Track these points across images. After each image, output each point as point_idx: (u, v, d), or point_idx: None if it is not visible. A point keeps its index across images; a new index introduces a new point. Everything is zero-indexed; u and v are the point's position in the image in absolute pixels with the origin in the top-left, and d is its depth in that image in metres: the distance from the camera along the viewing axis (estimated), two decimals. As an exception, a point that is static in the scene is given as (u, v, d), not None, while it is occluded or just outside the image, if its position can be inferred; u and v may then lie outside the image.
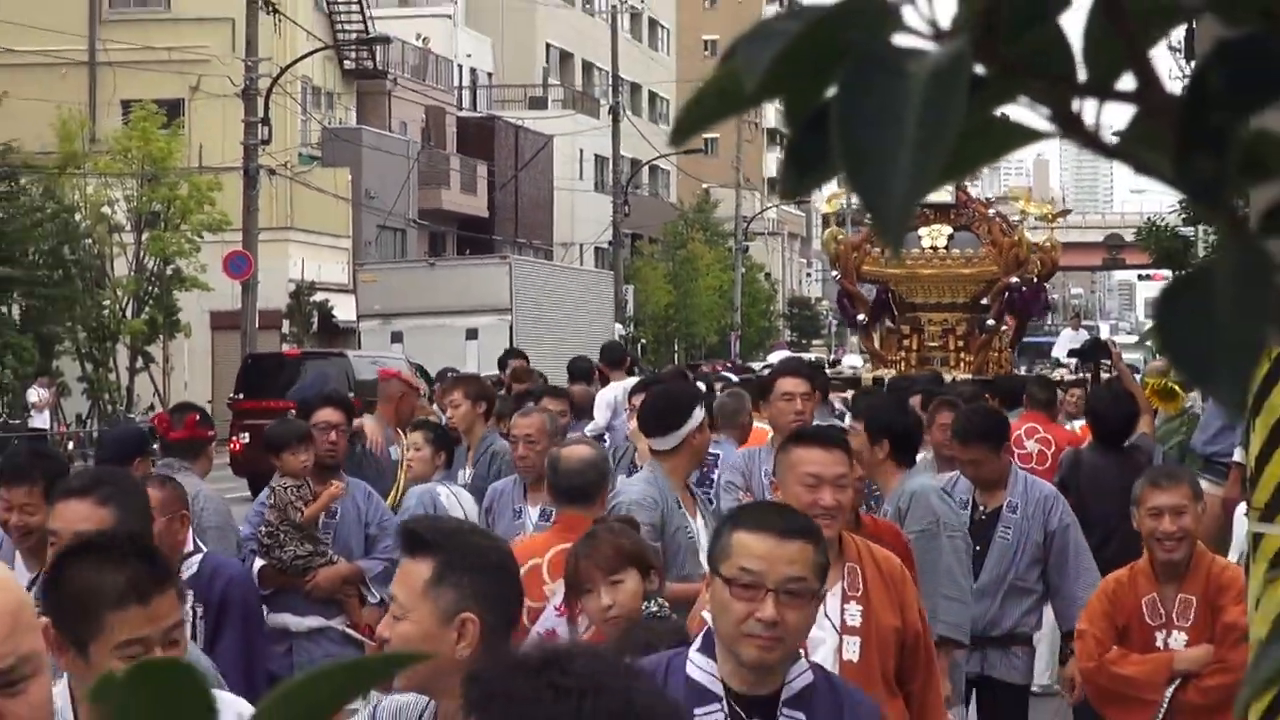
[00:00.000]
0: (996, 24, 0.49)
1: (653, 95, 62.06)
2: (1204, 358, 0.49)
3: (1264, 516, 3.71)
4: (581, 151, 49.45)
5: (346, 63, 39.40)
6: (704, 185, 55.96)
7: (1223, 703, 4.53)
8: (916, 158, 0.45)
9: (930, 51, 0.48)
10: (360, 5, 39.25)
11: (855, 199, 0.63)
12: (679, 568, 5.64)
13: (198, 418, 7.30)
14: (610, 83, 46.94)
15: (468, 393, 8.11)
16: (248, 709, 2.52)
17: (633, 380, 11.70)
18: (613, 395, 11.42)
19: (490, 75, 49.73)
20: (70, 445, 26.18)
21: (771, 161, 74.80)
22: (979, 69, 0.50)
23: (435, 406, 9.75)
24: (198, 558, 5.40)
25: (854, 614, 4.10)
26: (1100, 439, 8.30)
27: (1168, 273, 34.59)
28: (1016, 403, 10.33)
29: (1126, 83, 0.54)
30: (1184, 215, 33.60)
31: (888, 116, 0.46)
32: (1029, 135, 0.56)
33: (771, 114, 72.93)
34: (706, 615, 3.45)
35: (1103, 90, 0.54)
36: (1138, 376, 13.12)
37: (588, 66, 56.11)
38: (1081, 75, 0.53)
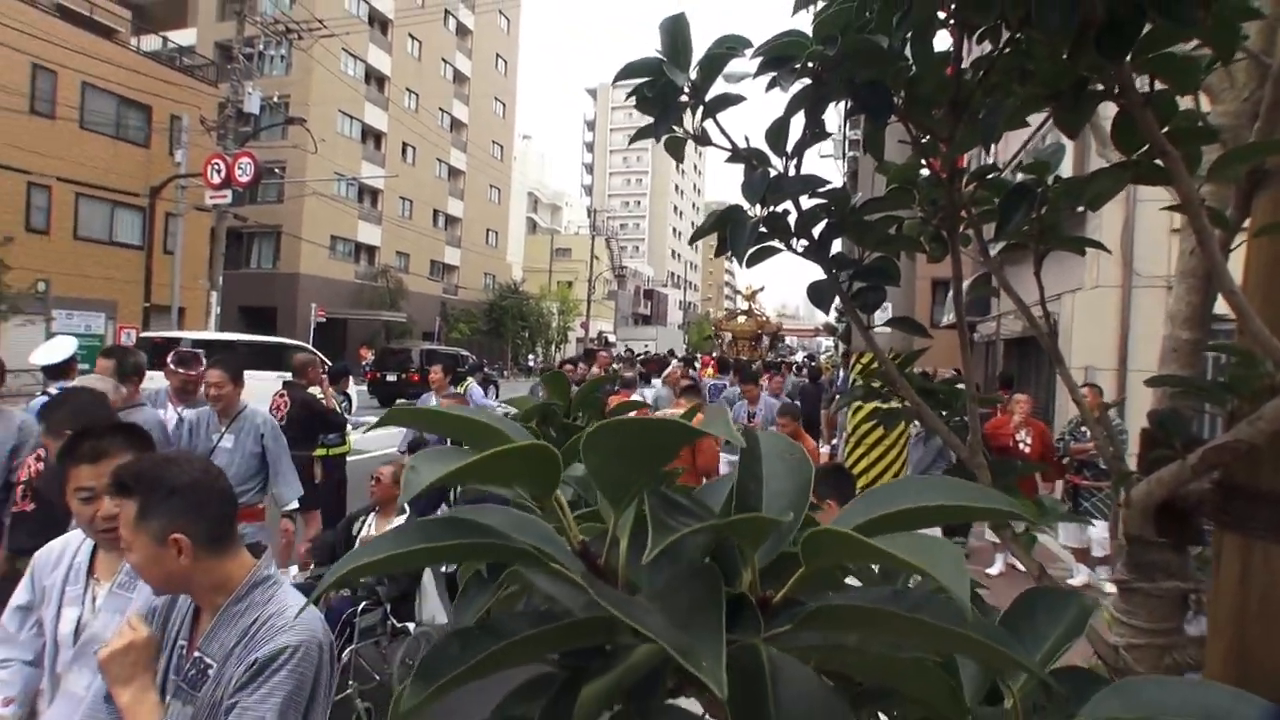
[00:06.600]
0: (779, 221, 0.87)
1: (693, 283, 76.81)
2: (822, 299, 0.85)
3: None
4: (678, 301, 68.35)
5: (617, 273, 53.16)
6: (708, 312, 70.47)
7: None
8: (747, 241, 0.83)
9: (751, 217, 0.83)
10: (621, 259, 53.63)
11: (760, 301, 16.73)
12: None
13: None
14: (684, 280, 69.60)
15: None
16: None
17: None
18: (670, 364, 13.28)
19: (652, 277, 67.54)
20: (530, 373, 33.98)
21: (725, 304, 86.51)
22: (764, 228, 0.85)
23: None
24: None
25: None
26: (811, 380, 10.63)
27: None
28: (776, 370, 10.39)
29: (804, 239, 0.90)
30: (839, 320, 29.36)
31: (740, 233, 0.81)
32: (774, 250, 0.88)
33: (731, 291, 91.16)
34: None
35: (799, 237, 0.89)
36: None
37: (681, 279, 72.80)
38: (794, 234, 0.89)
